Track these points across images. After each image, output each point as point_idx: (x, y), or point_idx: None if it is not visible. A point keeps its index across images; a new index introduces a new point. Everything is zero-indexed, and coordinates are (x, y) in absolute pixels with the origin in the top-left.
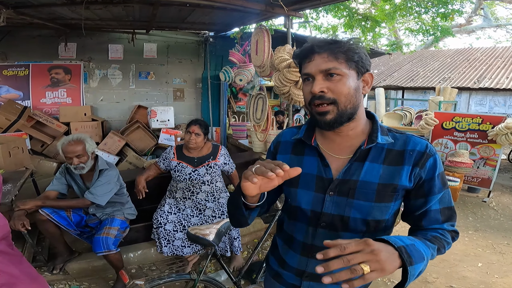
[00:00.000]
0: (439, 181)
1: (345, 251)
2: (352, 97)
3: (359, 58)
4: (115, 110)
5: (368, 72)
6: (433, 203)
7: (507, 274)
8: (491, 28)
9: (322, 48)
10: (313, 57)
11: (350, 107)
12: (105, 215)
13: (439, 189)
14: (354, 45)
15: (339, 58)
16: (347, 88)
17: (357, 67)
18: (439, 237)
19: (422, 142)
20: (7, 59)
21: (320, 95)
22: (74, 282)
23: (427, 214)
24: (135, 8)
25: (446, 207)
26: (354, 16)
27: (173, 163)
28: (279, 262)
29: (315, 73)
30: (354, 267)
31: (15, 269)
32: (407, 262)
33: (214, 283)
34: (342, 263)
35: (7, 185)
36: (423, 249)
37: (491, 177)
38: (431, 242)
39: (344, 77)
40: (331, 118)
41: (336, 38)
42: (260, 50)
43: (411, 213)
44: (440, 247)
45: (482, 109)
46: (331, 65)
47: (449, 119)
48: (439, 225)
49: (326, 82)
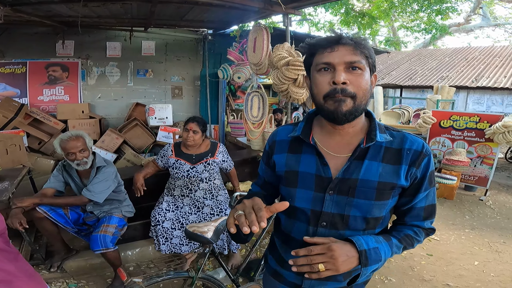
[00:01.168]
0: (428, 180)
1: (311, 253)
2: (368, 93)
3: (374, 58)
4: (113, 107)
5: (374, 73)
6: (418, 200)
7: (503, 273)
8: (489, 27)
9: (349, 40)
10: (337, 47)
11: (364, 102)
12: (103, 213)
13: (426, 187)
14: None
15: (363, 53)
16: (365, 83)
17: (371, 66)
18: (411, 236)
19: (419, 141)
20: (4, 56)
21: (343, 87)
22: (71, 280)
23: (411, 211)
24: (133, 6)
25: (430, 205)
26: (351, 13)
27: (171, 160)
28: (278, 261)
29: (338, 63)
30: (313, 265)
31: (11, 266)
32: (363, 264)
33: (212, 280)
34: (306, 261)
35: (4, 183)
36: (385, 252)
37: (488, 176)
38: (400, 242)
39: (364, 72)
40: (347, 110)
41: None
42: (259, 47)
43: (397, 207)
44: (407, 246)
45: (479, 107)
46: (356, 58)
47: (447, 117)
48: (419, 222)
49: (348, 74)
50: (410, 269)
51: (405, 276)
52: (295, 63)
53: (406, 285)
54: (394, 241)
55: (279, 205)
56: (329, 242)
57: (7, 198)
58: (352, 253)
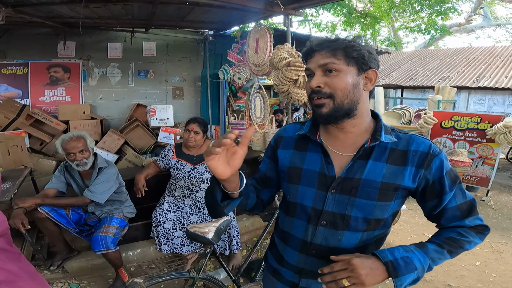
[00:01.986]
0: (448, 179)
1: (333, 269)
2: (349, 92)
3: (359, 55)
4: (114, 108)
5: (371, 69)
6: (447, 201)
7: (505, 273)
8: (490, 27)
9: (321, 45)
10: (313, 54)
11: (347, 102)
12: (104, 214)
13: (450, 187)
14: (355, 42)
15: (337, 54)
16: (344, 83)
17: (358, 64)
18: (454, 238)
19: (426, 142)
20: (6, 57)
21: (317, 89)
22: (73, 281)
23: (444, 213)
24: (134, 7)
25: (463, 203)
26: (353, 13)
27: (172, 161)
28: (277, 259)
29: (314, 68)
30: (337, 281)
31: (14, 266)
32: (392, 275)
33: (213, 281)
34: (331, 278)
35: (6, 183)
36: (419, 259)
37: (490, 176)
38: (440, 246)
39: (341, 73)
40: (327, 112)
41: (337, 36)
42: (261, 48)
43: (429, 214)
44: (454, 249)
45: (481, 108)
46: (328, 60)
47: (448, 118)
48: (459, 222)
49: (324, 78)
50: None
51: None
52: (296, 64)
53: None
54: (431, 246)
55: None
56: (351, 257)
57: (9, 198)
58: (375, 265)
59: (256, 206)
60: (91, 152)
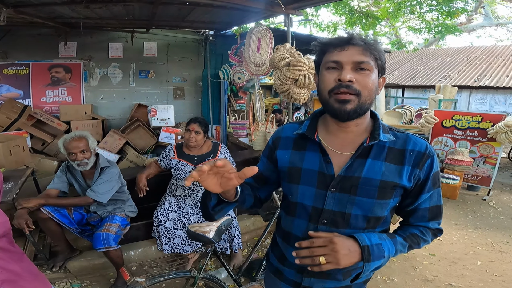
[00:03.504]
0: (432, 180)
1: (313, 244)
2: (373, 93)
3: (384, 60)
4: (115, 108)
5: (383, 75)
6: (422, 201)
7: (507, 273)
8: (491, 26)
9: (360, 41)
10: (347, 47)
11: (369, 102)
12: (106, 213)
13: (429, 188)
14: (382, 47)
15: (372, 54)
16: (372, 84)
17: (380, 68)
18: (417, 235)
19: (422, 142)
20: (8, 58)
21: (348, 84)
22: (75, 280)
23: (416, 212)
24: (135, 7)
25: (435, 206)
26: (355, 14)
27: (173, 161)
28: (279, 258)
29: (347, 62)
30: (314, 258)
31: (16, 266)
32: (365, 259)
33: (214, 280)
34: (308, 253)
35: (8, 184)
36: (388, 249)
37: (491, 175)
38: (405, 240)
39: (371, 73)
40: (351, 108)
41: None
42: (264, 48)
43: (401, 208)
44: (413, 244)
45: (482, 107)
46: (365, 59)
47: (449, 117)
48: (424, 223)
49: (355, 74)
50: (413, 269)
51: (408, 276)
52: (296, 64)
53: (408, 285)
54: (399, 239)
55: (247, 169)
56: (333, 236)
57: (11, 198)
58: (354, 247)
59: (253, 205)
60: (93, 152)
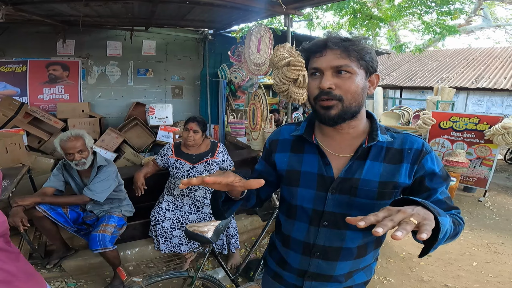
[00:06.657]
0: (441, 175)
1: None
2: (358, 95)
3: (370, 58)
4: (113, 107)
5: (375, 73)
6: (437, 195)
7: (502, 274)
8: (490, 28)
9: (336, 44)
10: (325, 52)
11: (355, 105)
12: (103, 212)
13: (440, 183)
14: (367, 44)
15: (352, 56)
16: (355, 86)
17: (367, 67)
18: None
19: (419, 140)
20: (5, 55)
21: (328, 91)
22: (70, 280)
23: (437, 204)
24: (135, 5)
25: (447, 197)
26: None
27: (171, 160)
28: (278, 262)
29: (326, 68)
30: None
31: (12, 267)
32: (435, 212)
33: (212, 280)
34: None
35: (4, 182)
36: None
37: (487, 177)
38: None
39: (353, 75)
40: (335, 114)
41: (351, 36)
42: (264, 48)
43: None
44: (455, 223)
45: (479, 109)
46: (343, 62)
47: (447, 118)
48: (448, 212)
49: (335, 79)
50: (409, 269)
51: (404, 276)
52: (296, 64)
53: (405, 286)
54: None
55: (254, 182)
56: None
57: (7, 197)
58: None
59: (255, 205)
60: (90, 151)
